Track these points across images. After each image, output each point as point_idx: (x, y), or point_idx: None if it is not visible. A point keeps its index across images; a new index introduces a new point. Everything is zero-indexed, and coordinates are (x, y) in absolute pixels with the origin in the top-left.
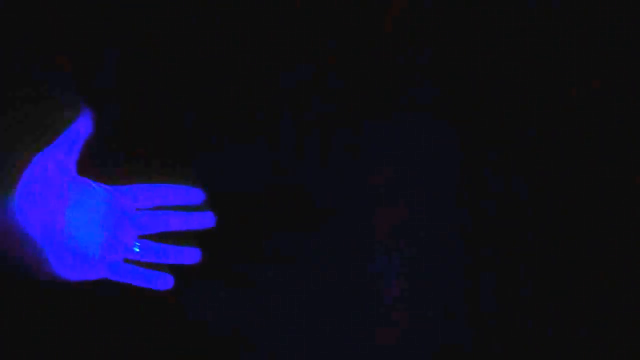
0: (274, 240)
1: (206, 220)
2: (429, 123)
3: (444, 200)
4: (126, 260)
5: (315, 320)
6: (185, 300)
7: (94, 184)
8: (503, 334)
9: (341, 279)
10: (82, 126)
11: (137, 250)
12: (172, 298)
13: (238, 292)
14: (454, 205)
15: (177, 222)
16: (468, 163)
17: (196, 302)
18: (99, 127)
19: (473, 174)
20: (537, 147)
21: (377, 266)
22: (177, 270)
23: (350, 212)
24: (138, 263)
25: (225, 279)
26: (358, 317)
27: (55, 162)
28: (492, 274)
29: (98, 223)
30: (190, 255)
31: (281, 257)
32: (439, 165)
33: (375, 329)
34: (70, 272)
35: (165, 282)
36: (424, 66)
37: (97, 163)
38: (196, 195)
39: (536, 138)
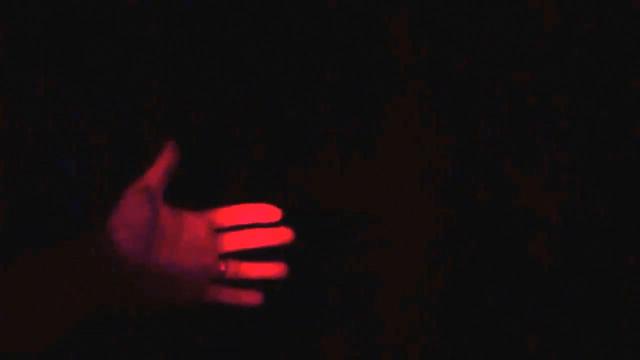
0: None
1: (284, 235)
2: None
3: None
4: (214, 281)
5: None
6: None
7: (179, 210)
8: (503, 334)
9: None
10: (168, 157)
11: (224, 269)
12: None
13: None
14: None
15: (257, 240)
16: (466, 162)
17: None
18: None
19: (472, 175)
20: (537, 149)
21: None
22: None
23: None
24: (226, 282)
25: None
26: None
27: (145, 192)
28: (492, 275)
29: (186, 248)
30: (277, 270)
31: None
32: (439, 166)
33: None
34: (162, 297)
35: (254, 299)
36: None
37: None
38: (273, 212)
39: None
